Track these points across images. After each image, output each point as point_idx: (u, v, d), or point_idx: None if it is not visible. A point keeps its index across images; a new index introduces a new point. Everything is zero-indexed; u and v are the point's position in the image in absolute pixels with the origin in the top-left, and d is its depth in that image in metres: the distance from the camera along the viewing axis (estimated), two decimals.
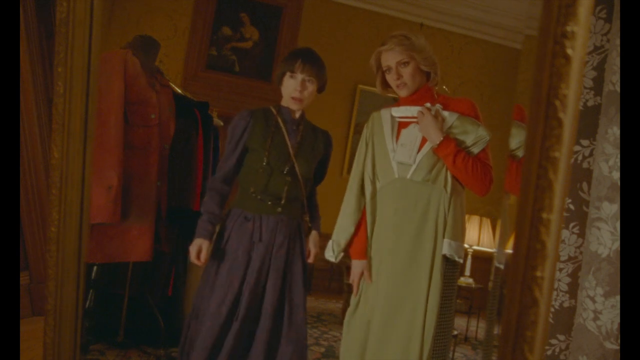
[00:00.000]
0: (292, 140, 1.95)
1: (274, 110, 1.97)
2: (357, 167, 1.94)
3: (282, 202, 1.91)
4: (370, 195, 1.90)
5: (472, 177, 1.76)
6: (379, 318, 1.82)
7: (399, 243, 1.81)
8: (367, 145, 1.94)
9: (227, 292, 1.85)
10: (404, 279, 1.79)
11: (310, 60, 1.90)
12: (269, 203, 1.90)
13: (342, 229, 1.92)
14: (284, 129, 1.94)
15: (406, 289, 1.78)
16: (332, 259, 1.94)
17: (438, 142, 1.76)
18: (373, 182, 1.90)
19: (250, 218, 1.90)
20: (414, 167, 1.80)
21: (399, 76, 1.83)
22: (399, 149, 1.84)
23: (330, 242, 1.95)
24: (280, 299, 1.89)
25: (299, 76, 1.89)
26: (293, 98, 1.91)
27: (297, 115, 1.98)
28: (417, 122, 1.83)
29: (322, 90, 2.00)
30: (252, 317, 1.86)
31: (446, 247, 1.77)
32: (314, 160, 1.99)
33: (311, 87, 1.92)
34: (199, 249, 1.87)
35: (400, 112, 1.89)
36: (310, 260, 2.00)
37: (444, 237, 1.78)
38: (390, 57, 1.83)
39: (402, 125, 1.88)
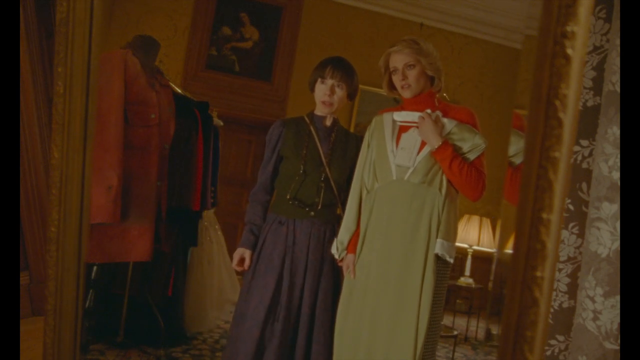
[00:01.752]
0: (325, 147, 2.03)
1: (307, 119, 2.07)
2: (359, 169, 2.00)
3: (318, 207, 1.98)
4: (368, 195, 1.95)
5: (466, 182, 1.81)
6: (370, 317, 1.86)
7: (393, 242, 1.86)
8: (368, 147, 2.00)
9: (264, 294, 1.92)
10: (396, 277, 1.83)
11: (340, 67, 1.99)
12: (305, 209, 1.98)
13: (346, 228, 1.98)
14: (316, 137, 2.03)
15: (398, 288, 1.83)
16: (337, 257, 1.99)
17: (436, 146, 1.81)
18: (372, 183, 1.95)
19: (284, 222, 1.99)
20: (411, 169, 1.86)
21: (405, 77, 1.89)
22: (399, 152, 1.90)
23: (335, 240, 2.00)
24: (315, 302, 1.96)
25: (329, 81, 1.98)
26: (323, 102, 2.00)
27: (329, 122, 2.06)
28: (417, 127, 1.88)
29: (354, 96, 2.09)
30: (294, 320, 1.93)
31: (439, 247, 1.81)
32: (345, 166, 2.04)
33: (340, 93, 2.00)
34: (240, 257, 1.99)
35: (402, 116, 1.95)
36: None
37: (437, 237, 1.83)
38: (398, 59, 1.90)
39: (403, 129, 1.93)
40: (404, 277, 1.82)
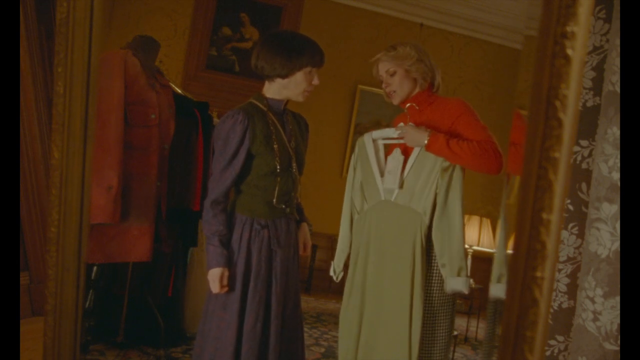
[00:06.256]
0: (287, 134, 1.84)
1: (261, 106, 1.81)
2: (347, 192, 2.05)
3: (294, 202, 1.87)
4: (359, 217, 2.00)
5: (474, 157, 1.75)
6: (367, 335, 1.90)
7: (385, 262, 1.88)
8: (354, 170, 2.04)
9: (259, 310, 1.75)
10: (387, 297, 1.86)
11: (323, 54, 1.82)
12: (282, 206, 1.81)
13: (341, 250, 2.05)
14: (279, 126, 1.82)
15: (389, 307, 1.85)
16: (334, 279, 2.07)
17: (426, 141, 1.79)
18: (361, 204, 1.99)
19: (265, 225, 1.79)
20: (397, 191, 1.87)
21: (387, 84, 1.91)
22: (386, 176, 1.91)
23: (332, 263, 2.08)
24: (285, 299, 1.85)
25: (315, 70, 1.79)
26: (308, 92, 1.81)
27: (283, 105, 1.85)
28: (399, 146, 1.90)
29: None
30: (282, 324, 1.80)
31: (450, 284, 1.83)
32: (305, 148, 1.94)
33: None
34: (221, 279, 1.71)
35: (378, 134, 1.98)
36: (307, 252, 2.01)
37: (421, 262, 1.81)
38: (380, 68, 1.92)
39: (390, 151, 1.96)
40: (393, 297, 1.85)
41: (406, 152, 1.89)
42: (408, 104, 1.92)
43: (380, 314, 1.87)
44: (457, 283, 1.80)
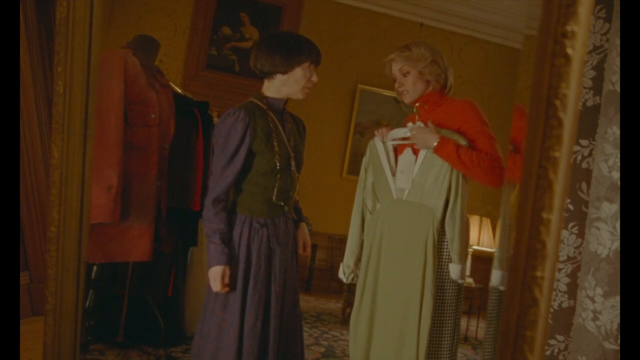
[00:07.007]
0: (286, 132, 1.86)
1: (262, 104, 1.82)
2: (359, 194, 2.06)
3: (292, 201, 1.88)
4: (371, 216, 2.00)
5: (481, 169, 1.77)
6: (379, 332, 1.91)
7: (397, 260, 1.88)
8: (365, 172, 2.06)
9: (259, 309, 1.75)
10: (398, 294, 1.87)
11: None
12: (281, 204, 1.82)
13: (351, 252, 2.05)
14: (279, 124, 1.84)
15: (400, 305, 1.86)
16: (344, 281, 2.06)
17: (435, 144, 1.80)
18: (373, 204, 2.01)
19: (264, 223, 1.79)
20: (407, 189, 1.89)
21: (400, 84, 1.93)
22: (398, 175, 1.93)
23: (341, 265, 2.08)
24: (284, 298, 1.84)
25: (312, 66, 1.82)
26: (308, 88, 1.83)
27: (282, 105, 1.87)
28: (410, 146, 1.91)
29: None
30: (280, 322, 1.80)
31: (452, 271, 1.82)
32: (303, 148, 1.95)
33: None
34: (222, 277, 1.70)
35: (390, 135, 1.99)
36: (307, 252, 2.01)
37: (432, 256, 1.82)
38: (394, 67, 1.94)
39: (400, 151, 1.97)
40: (404, 295, 1.85)
41: (416, 150, 1.91)
42: (417, 104, 1.93)
43: (391, 313, 1.87)
44: (452, 269, 1.82)
